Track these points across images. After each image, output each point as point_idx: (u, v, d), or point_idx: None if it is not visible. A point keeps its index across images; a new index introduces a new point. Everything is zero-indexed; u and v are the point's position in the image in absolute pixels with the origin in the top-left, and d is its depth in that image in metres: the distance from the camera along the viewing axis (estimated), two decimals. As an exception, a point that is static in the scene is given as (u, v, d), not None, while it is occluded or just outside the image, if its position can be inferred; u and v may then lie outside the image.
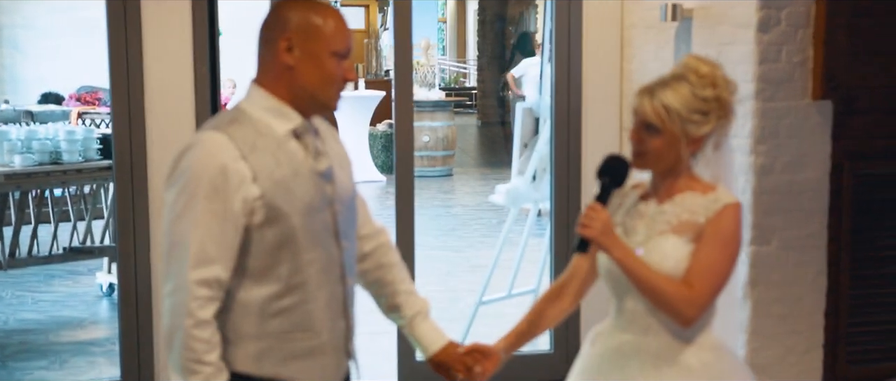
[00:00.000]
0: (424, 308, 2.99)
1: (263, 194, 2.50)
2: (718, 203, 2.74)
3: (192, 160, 2.48)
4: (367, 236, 2.94)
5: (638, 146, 2.77)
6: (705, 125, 2.73)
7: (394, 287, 2.97)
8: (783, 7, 4.56)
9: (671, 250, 2.74)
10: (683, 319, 2.72)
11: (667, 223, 2.78)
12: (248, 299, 2.56)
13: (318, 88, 2.57)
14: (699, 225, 2.74)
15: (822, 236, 4.76)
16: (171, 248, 2.50)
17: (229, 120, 2.56)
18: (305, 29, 2.55)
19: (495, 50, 19.80)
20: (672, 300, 2.69)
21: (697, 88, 2.72)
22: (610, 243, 2.71)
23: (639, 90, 2.78)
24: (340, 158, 2.74)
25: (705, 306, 2.73)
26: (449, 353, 2.97)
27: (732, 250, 2.74)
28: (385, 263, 2.97)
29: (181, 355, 2.47)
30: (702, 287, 2.69)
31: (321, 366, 2.66)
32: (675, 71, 2.79)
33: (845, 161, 4.73)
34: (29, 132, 7.42)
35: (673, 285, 2.70)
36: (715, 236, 2.72)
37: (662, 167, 2.80)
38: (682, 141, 2.73)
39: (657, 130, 2.73)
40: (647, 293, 2.73)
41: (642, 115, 2.75)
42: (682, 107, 2.70)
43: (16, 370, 5.96)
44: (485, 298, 6.43)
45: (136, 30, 4.94)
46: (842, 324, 4.83)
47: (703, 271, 2.70)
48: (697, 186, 2.79)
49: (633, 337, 2.85)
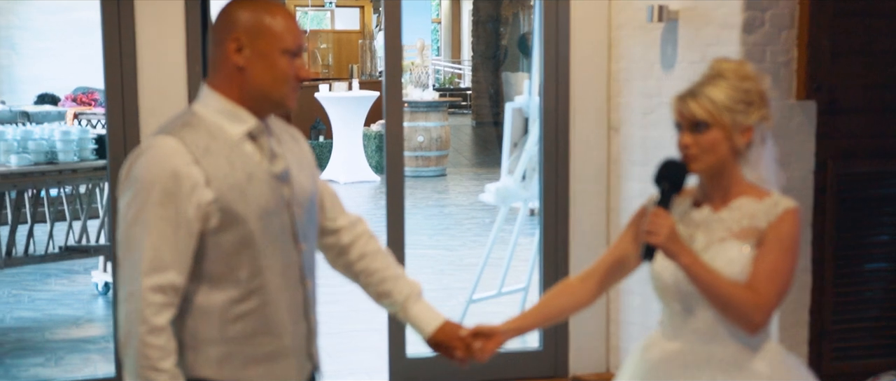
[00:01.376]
0: (415, 290, 2.95)
1: (217, 199, 2.46)
2: (779, 207, 2.74)
3: (143, 166, 2.44)
4: (344, 227, 2.91)
5: (690, 149, 2.73)
6: (752, 115, 2.72)
7: (380, 274, 2.93)
8: (767, 8, 4.63)
9: (736, 255, 2.72)
10: (752, 325, 2.70)
11: (727, 230, 2.76)
12: (208, 304, 2.53)
13: (271, 88, 2.53)
14: (760, 230, 2.72)
15: (806, 234, 4.81)
16: (125, 254, 2.47)
17: (182, 124, 2.52)
18: (254, 28, 2.51)
19: (489, 50, 19.85)
20: (742, 306, 2.67)
21: (735, 81, 2.72)
22: (677, 250, 2.68)
23: (676, 97, 2.76)
24: (299, 159, 2.70)
25: (772, 310, 2.71)
26: (447, 332, 2.91)
27: (794, 254, 2.74)
28: (367, 251, 2.93)
29: (136, 361, 2.44)
30: (768, 292, 2.67)
31: (283, 369, 2.63)
32: (707, 73, 2.78)
33: (829, 160, 4.79)
34: (25, 132, 7.47)
35: (740, 290, 2.68)
36: (778, 241, 2.71)
37: (716, 167, 2.75)
38: (733, 132, 2.71)
39: (707, 125, 2.70)
40: (715, 300, 2.70)
41: (689, 115, 2.72)
42: (727, 98, 2.69)
43: (12, 367, 6.02)
44: (475, 296, 6.49)
45: (130, 31, 5.00)
46: (826, 321, 4.89)
47: (768, 276, 2.68)
48: (751, 191, 2.78)
49: (699, 347, 2.82)
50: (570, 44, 5.40)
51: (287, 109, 2.59)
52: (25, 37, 12.62)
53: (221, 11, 2.57)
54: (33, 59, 12.53)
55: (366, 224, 2.98)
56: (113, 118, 5.05)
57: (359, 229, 2.95)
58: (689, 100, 2.72)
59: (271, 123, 2.66)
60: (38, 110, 10.81)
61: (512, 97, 13.89)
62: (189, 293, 2.51)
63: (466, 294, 6.58)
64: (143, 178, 2.43)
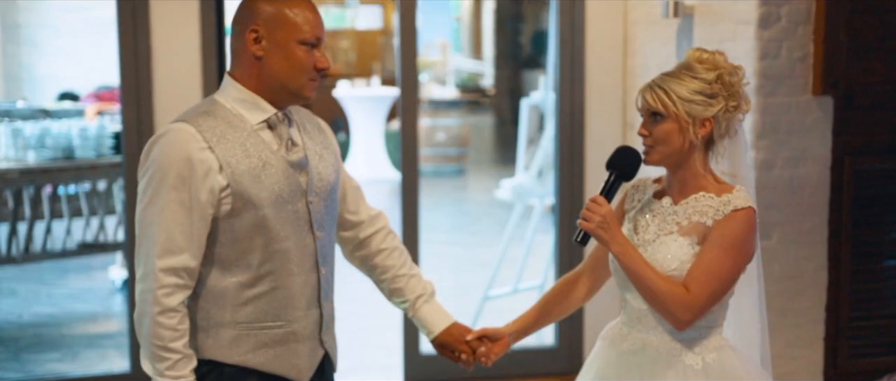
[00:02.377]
0: (427, 290, 2.98)
1: (231, 184, 2.53)
2: (728, 206, 2.69)
3: (159, 151, 2.53)
4: (364, 222, 2.95)
5: (646, 139, 2.74)
6: (712, 107, 2.69)
7: (394, 272, 2.97)
8: (783, 4, 4.59)
9: (676, 250, 2.71)
10: (676, 321, 2.69)
11: (676, 224, 2.75)
12: (220, 288, 2.60)
13: (288, 78, 2.59)
14: (707, 228, 2.70)
15: (822, 231, 4.79)
16: (141, 236, 2.55)
17: (201, 112, 2.60)
18: (273, 19, 2.57)
19: (511, 48, 19.82)
20: (666, 301, 2.67)
21: (699, 73, 2.71)
22: (608, 238, 2.68)
23: (641, 88, 2.77)
24: (321, 150, 2.75)
25: (701, 310, 2.68)
26: (453, 334, 2.95)
27: (737, 256, 2.69)
28: (384, 248, 2.97)
29: (149, 341, 2.53)
30: (699, 291, 2.65)
31: (293, 354, 2.68)
32: (679, 64, 2.79)
33: (846, 156, 4.75)
34: (43, 129, 7.51)
35: (669, 285, 2.67)
36: (719, 241, 2.67)
37: (673, 159, 2.75)
38: (689, 124, 2.69)
39: (662, 116, 2.70)
40: (643, 291, 2.71)
41: (645, 105, 2.73)
42: (685, 90, 2.68)
43: (29, 362, 6.05)
44: (491, 293, 6.48)
45: (145, 29, 5.02)
46: (843, 318, 4.86)
47: (702, 274, 2.66)
48: (713, 186, 2.75)
49: (639, 335, 2.82)
50: (586, 40, 5.39)
51: (305, 99, 2.65)
52: (46, 34, 12.68)
53: (242, 2, 2.63)
54: (54, 57, 12.58)
55: (386, 220, 3.02)
56: (128, 115, 5.08)
57: (378, 224, 2.99)
58: (647, 90, 2.73)
59: (295, 114, 2.73)
60: (58, 108, 10.86)
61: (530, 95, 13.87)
62: (202, 276, 2.59)
63: (482, 291, 6.57)
64: (158, 162, 2.52)
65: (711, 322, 2.77)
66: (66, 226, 7.87)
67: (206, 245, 2.57)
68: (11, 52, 12.69)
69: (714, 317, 2.77)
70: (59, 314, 7.14)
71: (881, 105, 4.77)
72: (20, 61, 12.88)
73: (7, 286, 7.86)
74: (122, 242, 7.69)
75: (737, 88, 2.74)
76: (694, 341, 2.77)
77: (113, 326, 6.90)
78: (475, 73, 21.54)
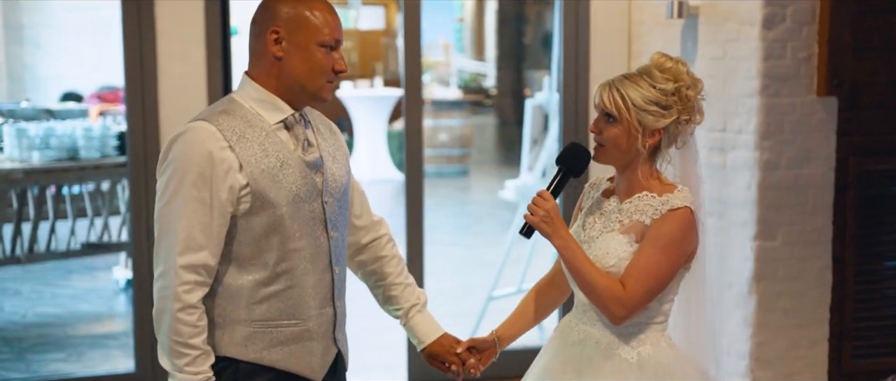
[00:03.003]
0: (421, 300, 3.02)
1: (250, 183, 2.56)
2: (666, 206, 2.74)
3: (179, 149, 2.55)
4: (365, 227, 2.97)
5: (597, 137, 2.78)
6: (664, 119, 2.73)
7: (391, 279, 3.00)
8: (788, 4, 4.60)
9: (614, 248, 2.76)
10: (612, 316, 2.74)
11: (618, 222, 2.80)
12: (236, 285, 2.62)
13: (307, 79, 2.62)
14: (645, 226, 2.75)
15: (827, 231, 4.79)
16: (161, 233, 2.57)
17: (220, 110, 2.62)
18: (293, 20, 2.59)
19: (513, 49, 19.82)
20: (602, 296, 2.71)
21: (658, 82, 2.72)
22: (550, 231, 2.73)
23: (601, 84, 2.80)
24: (334, 150, 2.78)
25: (636, 307, 2.73)
26: (443, 345, 2.98)
27: (672, 254, 2.73)
28: (383, 255, 3.00)
29: (168, 337, 2.55)
30: (634, 288, 2.70)
31: (307, 352, 2.71)
32: (641, 67, 2.80)
33: (850, 157, 4.76)
34: (47, 129, 7.52)
35: (606, 281, 2.71)
36: (655, 239, 2.72)
37: (621, 161, 2.80)
38: (638, 132, 2.73)
39: (614, 119, 2.73)
40: (582, 285, 2.76)
41: (601, 104, 2.76)
42: (640, 98, 2.71)
43: (33, 362, 6.06)
44: (495, 293, 6.48)
45: (150, 28, 5.02)
46: (847, 318, 4.86)
47: (637, 272, 2.71)
48: (657, 186, 2.79)
49: (584, 327, 2.89)
50: (590, 40, 5.39)
51: (322, 100, 2.67)
52: (49, 34, 12.68)
53: (263, 3, 2.66)
54: (57, 57, 12.58)
55: (387, 228, 3.06)
56: (133, 115, 5.08)
57: (380, 231, 3.02)
58: (605, 89, 2.76)
59: (310, 115, 2.76)
60: (61, 108, 10.87)
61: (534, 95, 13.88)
62: (219, 274, 2.61)
63: (486, 292, 6.57)
64: (179, 160, 2.54)
65: (649, 318, 2.82)
66: (70, 226, 7.89)
67: (224, 243, 2.59)
68: (14, 52, 12.70)
69: (652, 313, 2.81)
70: (63, 315, 7.15)
71: (886, 105, 4.77)
72: (23, 62, 12.89)
73: (11, 287, 7.87)
74: (125, 242, 7.70)
75: (692, 102, 2.77)
76: (631, 335, 2.82)
77: (117, 326, 6.91)
78: (477, 73, 21.53)
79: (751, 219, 4.69)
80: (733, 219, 4.79)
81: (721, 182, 4.85)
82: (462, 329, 6.58)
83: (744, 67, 4.68)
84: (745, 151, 4.70)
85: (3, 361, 6.04)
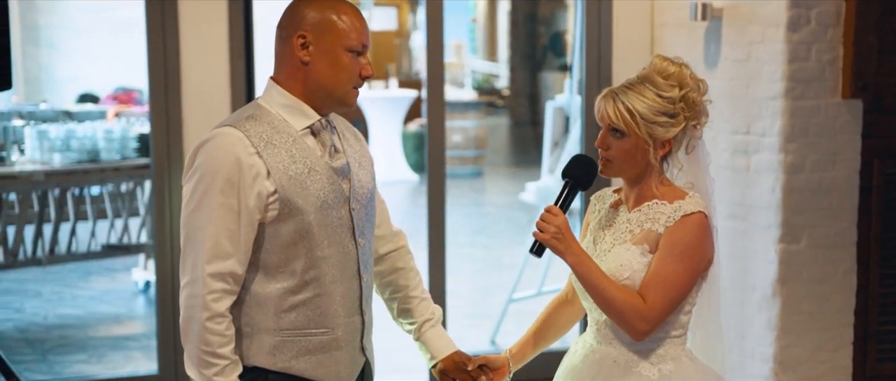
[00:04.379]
0: (435, 315, 2.96)
1: (278, 190, 2.51)
2: (679, 212, 2.65)
3: (206, 155, 2.50)
4: (384, 237, 2.92)
5: (604, 152, 2.69)
6: (673, 128, 2.65)
7: (407, 292, 2.95)
8: (813, 6, 4.59)
9: (628, 260, 2.67)
10: (634, 332, 2.65)
11: (629, 233, 2.71)
12: (264, 294, 2.57)
13: (333, 85, 2.58)
14: (658, 235, 2.66)
15: (851, 235, 4.78)
16: (187, 241, 2.53)
17: (246, 116, 2.57)
18: (320, 25, 2.55)
19: (527, 50, 19.81)
20: (622, 311, 2.62)
21: (663, 90, 2.64)
22: (563, 248, 2.62)
23: (603, 93, 2.71)
24: (360, 157, 2.74)
25: (658, 319, 2.64)
26: (455, 362, 2.91)
27: (690, 261, 2.65)
28: (400, 267, 2.95)
29: (197, 347, 2.51)
30: (654, 300, 2.61)
31: (335, 361, 2.66)
32: (641, 73, 2.71)
33: (875, 160, 4.74)
34: (68, 131, 7.55)
35: (625, 295, 2.62)
36: (671, 248, 2.64)
37: (631, 173, 2.71)
38: (649, 145, 2.65)
39: (622, 133, 2.65)
40: (600, 302, 2.66)
41: (607, 119, 2.66)
42: (647, 109, 2.62)
43: (55, 363, 6.08)
44: (515, 296, 6.48)
45: (174, 29, 5.03)
46: (871, 322, 4.84)
47: (657, 283, 2.62)
48: (668, 194, 2.71)
49: (599, 346, 2.80)
50: (613, 42, 5.38)
51: (348, 106, 2.63)
52: (66, 36, 12.71)
53: (289, 7, 2.62)
54: (74, 59, 12.61)
55: (406, 240, 3.01)
56: (156, 116, 5.09)
57: (399, 242, 2.98)
58: (609, 103, 2.67)
59: (335, 121, 2.72)
60: (79, 110, 10.91)
61: (549, 97, 13.87)
62: (246, 282, 2.57)
63: (504, 295, 6.57)
64: (206, 166, 2.49)
65: (668, 332, 2.73)
66: (90, 228, 7.91)
67: (252, 251, 2.55)
68: (31, 53, 12.73)
69: (670, 326, 2.73)
70: (83, 316, 7.17)
71: (911, 108, 4.76)
72: (39, 63, 12.92)
73: (32, 288, 7.90)
74: (145, 244, 7.72)
75: (699, 106, 2.69)
76: (650, 351, 2.73)
77: (137, 328, 6.93)
78: (490, 74, 21.54)
79: (775, 222, 4.68)
80: (757, 222, 4.78)
81: (745, 185, 4.84)
82: (482, 331, 6.61)
83: (768, 70, 4.67)
84: (770, 153, 4.69)
85: (25, 362, 6.06)
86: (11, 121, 8.43)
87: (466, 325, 6.79)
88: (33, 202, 7.62)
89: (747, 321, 4.87)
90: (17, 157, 7.64)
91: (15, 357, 6.10)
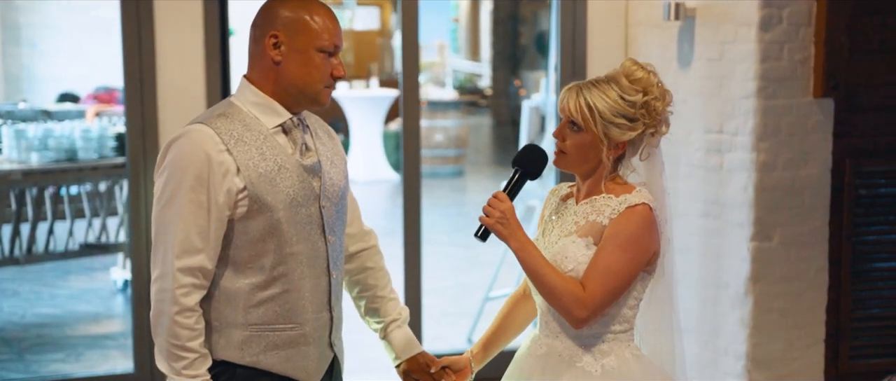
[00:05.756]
0: (401, 316, 2.99)
1: (247, 187, 2.55)
2: (624, 205, 2.68)
3: (177, 152, 2.54)
4: (354, 235, 2.95)
5: (559, 143, 2.72)
6: (630, 131, 2.67)
7: (375, 292, 2.98)
8: (785, 6, 4.62)
9: (572, 251, 2.69)
10: (573, 319, 2.66)
11: (575, 224, 2.73)
12: (233, 289, 2.61)
13: (304, 84, 2.61)
14: (602, 227, 2.68)
15: (823, 233, 4.82)
16: (158, 236, 2.57)
17: (218, 114, 2.61)
18: (292, 25, 2.59)
19: (509, 50, 19.84)
20: (563, 298, 2.64)
21: (626, 93, 2.66)
22: (507, 233, 2.65)
23: (568, 87, 2.73)
24: (332, 155, 2.77)
25: (597, 308, 2.65)
26: (419, 362, 2.95)
27: (633, 251, 2.66)
28: (370, 266, 2.98)
29: (166, 340, 2.55)
30: (594, 289, 2.63)
31: (303, 356, 2.70)
32: (610, 72, 2.74)
33: (847, 158, 4.78)
34: (45, 130, 7.53)
35: (566, 282, 2.64)
36: (614, 238, 2.65)
37: (583, 168, 2.74)
38: (603, 144, 2.67)
39: (579, 127, 2.67)
40: (541, 289, 2.68)
41: (566, 111, 2.69)
42: (607, 109, 2.64)
43: (32, 362, 6.07)
44: (492, 293, 6.50)
45: (149, 29, 5.03)
46: (843, 320, 4.88)
47: (596, 272, 2.64)
48: (617, 189, 2.73)
49: (545, 339, 2.82)
50: (587, 42, 5.40)
51: (320, 105, 2.67)
52: (46, 35, 12.67)
53: (263, 6, 2.65)
54: (54, 58, 12.57)
55: (377, 239, 3.04)
56: (131, 116, 5.09)
57: (370, 242, 3.01)
58: (572, 97, 2.70)
59: (308, 119, 2.75)
60: (58, 109, 10.88)
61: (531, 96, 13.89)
62: (216, 277, 2.61)
63: (483, 292, 6.59)
64: (176, 163, 2.53)
65: (610, 326, 2.75)
66: (68, 227, 7.90)
67: (221, 247, 2.58)
68: (12, 53, 12.69)
69: (611, 319, 2.74)
70: (61, 315, 7.16)
71: (882, 107, 4.80)
72: (20, 62, 12.88)
73: (10, 287, 7.88)
74: (123, 243, 7.71)
75: (660, 115, 2.71)
76: (593, 346, 2.75)
77: (115, 326, 6.92)
78: (473, 74, 21.55)
79: (747, 220, 4.72)
80: (730, 220, 4.81)
81: (717, 184, 4.87)
82: (459, 329, 6.63)
83: (741, 69, 4.70)
84: (742, 152, 4.72)
85: (2, 361, 6.06)
86: (-11, 120, 8.40)
87: (445, 323, 6.80)
88: (11, 201, 7.60)
89: (720, 319, 4.91)
90: (-5, 156, 7.62)
91: (-9, 357, 6.10)
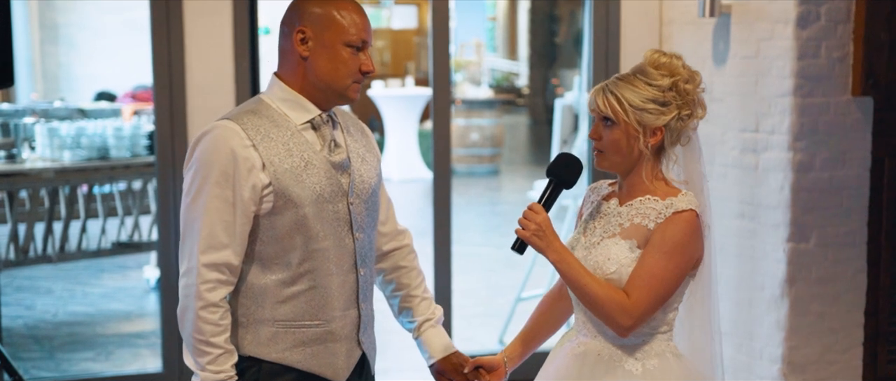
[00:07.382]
0: (435, 315, 2.99)
1: (272, 182, 2.56)
2: (670, 209, 2.65)
3: (204, 148, 2.57)
4: (388, 234, 2.96)
5: (597, 143, 2.70)
6: (664, 116, 2.65)
7: (408, 291, 2.98)
8: (823, 3, 4.53)
9: (615, 253, 2.67)
10: (618, 328, 2.65)
11: (619, 226, 2.71)
12: (260, 285, 2.63)
13: (333, 79, 2.62)
14: (648, 231, 2.66)
15: (861, 234, 4.72)
16: (185, 231, 2.60)
17: (247, 110, 2.63)
18: (319, 20, 2.60)
19: (546, 48, 19.77)
20: (606, 307, 2.63)
21: (653, 79, 2.65)
22: (543, 245, 2.63)
23: (595, 87, 2.72)
24: (364, 152, 2.77)
25: (643, 316, 2.64)
26: (452, 362, 2.94)
27: (678, 259, 2.64)
28: (403, 265, 2.98)
29: (191, 336, 2.57)
30: (639, 297, 2.61)
31: (330, 353, 2.70)
32: (635, 66, 2.73)
33: (886, 158, 4.68)
34: (78, 128, 7.57)
35: (608, 291, 2.63)
36: (660, 245, 2.63)
37: (624, 165, 2.71)
38: (639, 133, 2.65)
39: (613, 122, 2.66)
40: (583, 298, 2.67)
41: (597, 109, 2.68)
42: (636, 97, 2.63)
43: (63, 360, 6.08)
44: (524, 294, 6.45)
45: (179, 29, 5.03)
46: (882, 323, 4.79)
47: (643, 280, 2.62)
48: (661, 189, 2.71)
49: (583, 340, 2.80)
50: (621, 39, 5.34)
51: (349, 100, 2.68)
52: (85, 35, 12.78)
53: (292, 3, 2.67)
54: (91, 57, 12.69)
55: (411, 239, 3.05)
56: (161, 115, 5.09)
57: (404, 241, 3.01)
58: (599, 94, 2.69)
59: (339, 116, 2.77)
60: (94, 108, 10.95)
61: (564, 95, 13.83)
62: (243, 273, 2.63)
63: (515, 293, 6.54)
64: (202, 159, 2.56)
65: (654, 328, 2.73)
66: (100, 225, 7.93)
67: (248, 242, 2.60)
68: (50, 52, 12.82)
69: (657, 323, 2.72)
70: (93, 313, 7.18)
71: (922, 106, 4.69)
72: (58, 61, 13.01)
73: (43, 285, 7.92)
74: (156, 241, 7.72)
75: (692, 96, 2.69)
76: (636, 347, 2.73)
77: (146, 325, 6.93)
78: (510, 73, 21.50)
79: (784, 221, 4.63)
80: (766, 221, 4.72)
81: (753, 183, 4.78)
82: (491, 330, 6.58)
83: (777, 67, 4.61)
84: (779, 151, 4.63)
85: (32, 359, 6.07)
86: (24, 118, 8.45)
87: (476, 324, 6.76)
88: (44, 199, 7.64)
89: (756, 322, 4.82)
90: (28, 154, 7.66)
91: (22, 355, 6.11)
